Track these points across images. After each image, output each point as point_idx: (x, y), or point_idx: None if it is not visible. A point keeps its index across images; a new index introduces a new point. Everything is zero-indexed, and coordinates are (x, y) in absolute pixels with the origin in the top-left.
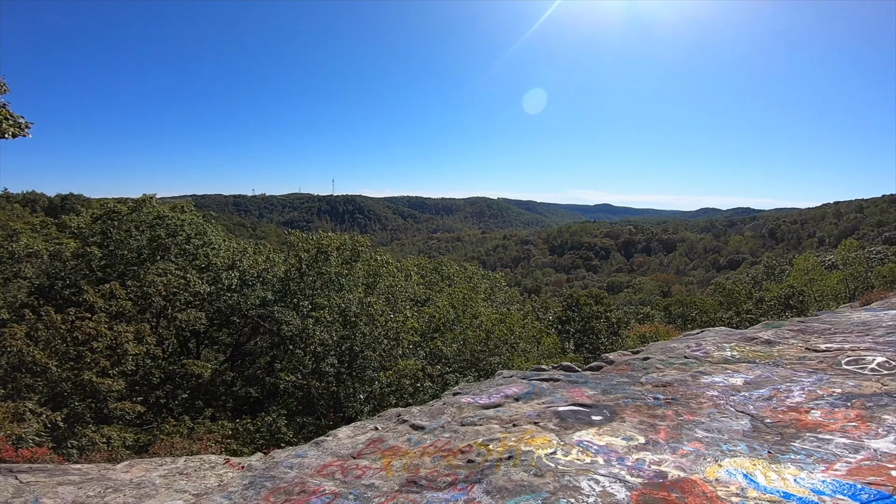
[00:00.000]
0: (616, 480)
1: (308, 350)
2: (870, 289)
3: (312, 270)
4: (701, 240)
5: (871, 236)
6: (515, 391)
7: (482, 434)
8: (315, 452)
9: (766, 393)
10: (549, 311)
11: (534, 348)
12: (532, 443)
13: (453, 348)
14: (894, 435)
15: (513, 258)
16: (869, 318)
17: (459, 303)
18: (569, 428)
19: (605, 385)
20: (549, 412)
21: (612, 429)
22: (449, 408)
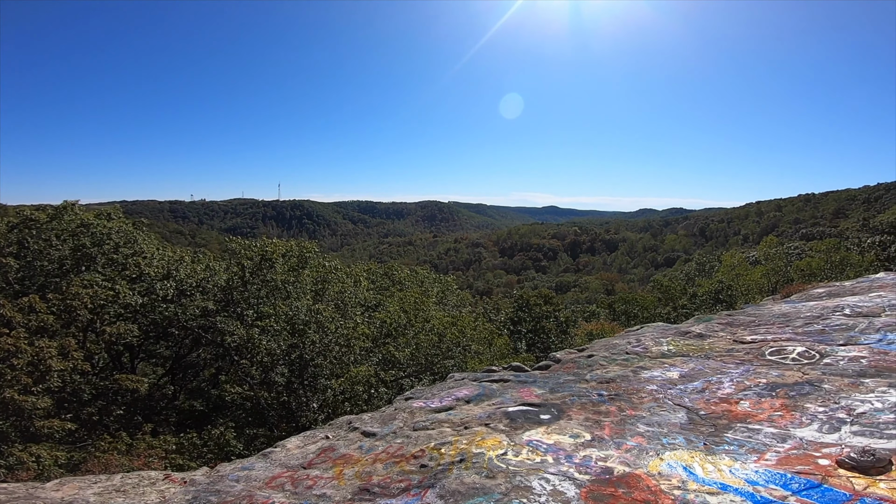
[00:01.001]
0: (565, 478)
1: (255, 360)
2: (789, 282)
3: (257, 278)
4: (640, 239)
5: (789, 233)
6: (466, 393)
7: (434, 438)
8: (263, 464)
9: (699, 385)
10: (500, 313)
11: (486, 350)
12: (483, 444)
13: (406, 353)
14: (817, 423)
15: (464, 261)
16: (789, 310)
17: (411, 307)
18: (519, 428)
19: (553, 384)
20: (500, 413)
21: (560, 427)
22: (401, 413)
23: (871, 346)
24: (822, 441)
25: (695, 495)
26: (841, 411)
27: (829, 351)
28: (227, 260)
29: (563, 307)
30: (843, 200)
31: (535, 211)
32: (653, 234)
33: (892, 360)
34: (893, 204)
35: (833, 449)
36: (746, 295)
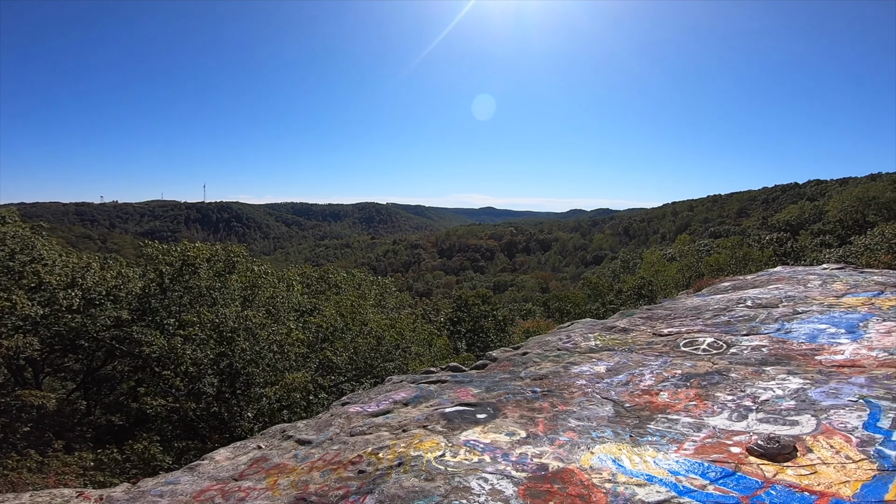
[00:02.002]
0: (503, 477)
1: (179, 371)
2: (700, 277)
3: (178, 285)
4: (571, 238)
5: (700, 231)
6: (404, 396)
7: (372, 443)
8: (189, 478)
9: (623, 378)
10: (440, 313)
11: (427, 351)
12: (421, 447)
13: (344, 357)
14: (727, 411)
15: (403, 262)
16: (699, 303)
17: (348, 311)
18: (456, 428)
19: (489, 383)
20: (437, 414)
21: (496, 425)
22: (337, 419)
23: (770, 336)
24: (733, 429)
25: (624, 487)
26: (747, 399)
27: (735, 341)
28: (143, 266)
29: (501, 306)
30: (745, 201)
31: (472, 212)
32: (582, 233)
33: (789, 348)
34: (788, 204)
35: (743, 437)
36: (665, 290)
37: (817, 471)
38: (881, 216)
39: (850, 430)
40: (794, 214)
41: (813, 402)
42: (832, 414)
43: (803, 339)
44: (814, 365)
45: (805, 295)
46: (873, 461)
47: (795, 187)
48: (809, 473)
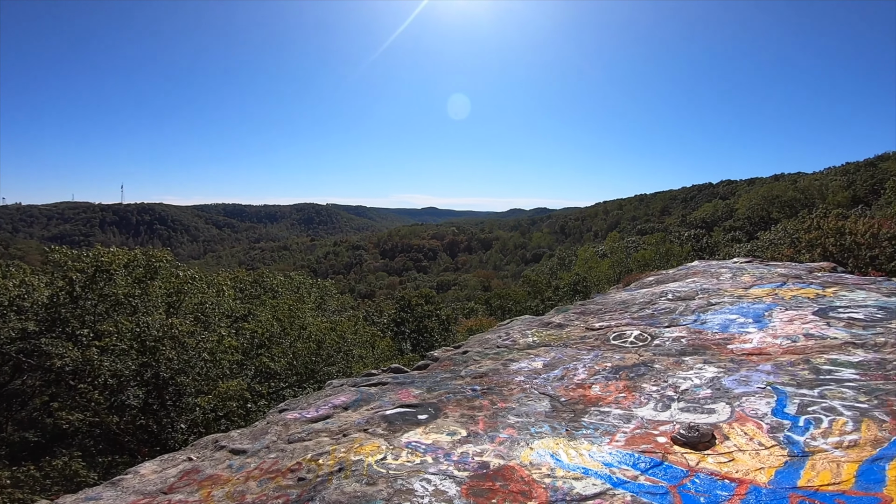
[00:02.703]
0: (446, 477)
1: (97, 384)
2: (629, 272)
3: (92, 293)
4: (511, 237)
5: (628, 229)
6: (344, 400)
7: (311, 449)
8: (113, 493)
9: (559, 373)
10: (383, 315)
11: (370, 353)
12: (361, 451)
13: (283, 363)
14: (653, 402)
15: (345, 264)
16: (627, 298)
17: (285, 315)
18: (397, 431)
19: (430, 383)
20: (378, 417)
21: (438, 425)
22: (274, 426)
23: (688, 327)
24: (658, 419)
25: (562, 482)
26: (669, 389)
27: (658, 333)
28: (51, 273)
29: (445, 306)
30: (667, 200)
31: (414, 212)
32: (522, 232)
33: (705, 339)
34: (704, 202)
35: (667, 426)
36: (598, 285)
37: (735, 458)
38: (783, 213)
39: (760, 417)
40: (708, 212)
41: (727, 390)
42: (744, 401)
43: (717, 330)
44: (726, 354)
45: (718, 287)
46: (784, 447)
47: (710, 187)
48: (728, 461)
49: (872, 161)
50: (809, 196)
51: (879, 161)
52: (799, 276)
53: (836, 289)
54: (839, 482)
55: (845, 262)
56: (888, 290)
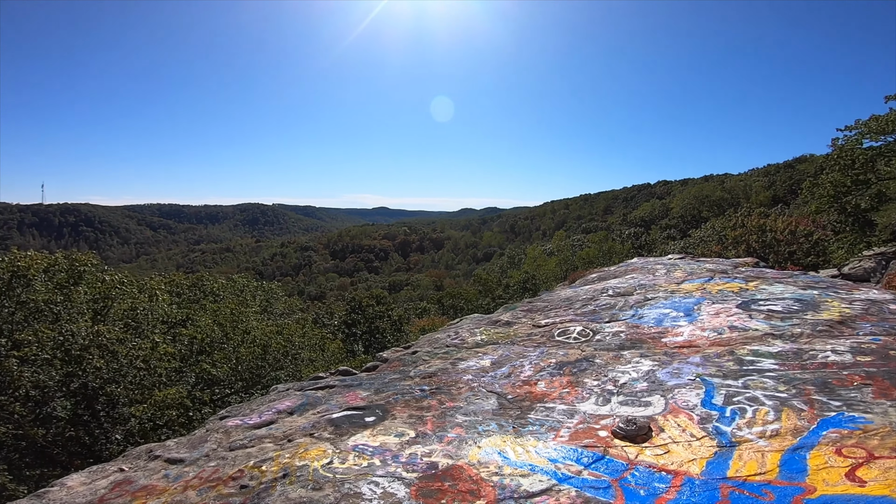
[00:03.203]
0: (395, 479)
1: (18, 395)
2: (575, 269)
3: (8, 300)
4: (462, 237)
5: (574, 228)
6: (289, 405)
7: (254, 456)
8: None
9: (506, 371)
10: (334, 317)
11: (319, 356)
12: (306, 456)
13: (225, 369)
14: (594, 396)
15: (293, 266)
16: (571, 294)
17: (227, 319)
18: (344, 434)
19: (379, 384)
20: (324, 421)
21: (385, 427)
22: (213, 434)
23: (627, 322)
24: (600, 413)
25: (510, 479)
26: (609, 383)
27: (599, 328)
28: None
29: (397, 306)
30: (610, 199)
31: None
32: (473, 231)
33: (642, 333)
34: (643, 202)
35: (608, 420)
36: (546, 283)
37: (670, 450)
38: (712, 212)
39: (691, 408)
40: (647, 211)
41: (661, 382)
42: (676, 393)
43: (652, 324)
44: (661, 347)
45: (653, 283)
46: (713, 438)
47: (648, 187)
48: (664, 453)
49: (791, 163)
50: (735, 196)
51: (797, 163)
52: (725, 271)
53: (757, 283)
54: (765, 472)
55: (767, 258)
56: (804, 284)
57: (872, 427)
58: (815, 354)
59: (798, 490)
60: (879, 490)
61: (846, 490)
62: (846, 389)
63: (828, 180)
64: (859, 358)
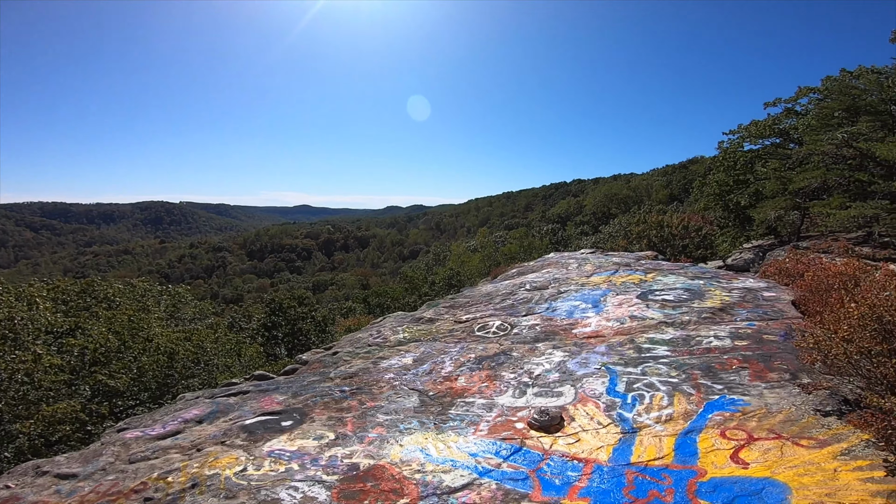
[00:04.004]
0: (314, 483)
1: None
2: (497, 265)
3: None
4: (388, 235)
5: (497, 224)
6: (197, 413)
7: (158, 467)
8: None
9: (427, 368)
10: (252, 320)
11: (236, 361)
12: (217, 464)
13: (125, 380)
14: (511, 389)
15: (205, 267)
16: (491, 290)
17: (124, 327)
18: (259, 440)
19: (297, 387)
20: (237, 428)
21: (303, 431)
22: (110, 447)
23: (542, 315)
24: (516, 405)
25: (432, 476)
26: (525, 375)
27: (517, 322)
28: None
29: (321, 306)
30: (530, 197)
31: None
32: (399, 229)
33: (555, 325)
34: (560, 200)
35: (524, 412)
36: (471, 279)
37: (580, 438)
38: (620, 209)
39: (598, 397)
40: (563, 209)
41: (571, 372)
42: (585, 382)
43: (564, 316)
44: (571, 338)
45: (566, 276)
46: (617, 424)
47: (564, 185)
48: (575, 442)
49: (685, 164)
50: (639, 194)
51: (690, 164)
52: (628, 264)
53: (654, 274)
54: (662, 456)
55: (665, 251)
56: (693, 274)
57: (750, 409)
58: (700, 340)
59: (691, 473)
60: (761, 472)
61: (732, 472)
62: (727, 373)
63: (714, 180)
64: (737, 342)
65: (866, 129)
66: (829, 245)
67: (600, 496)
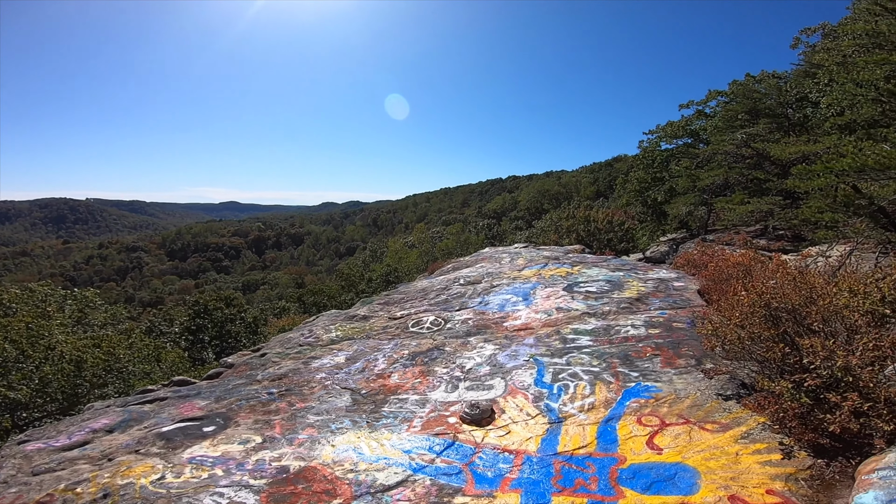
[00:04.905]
0: (241, 488)
1: None
2: (434, 261)
3: None
4: (324, 231)
5: (435, 220)
6: (107, 423)
7: (66, 479)
8: None
9: (360, 366)
10: (174, 323)
11: (155, 368)
12: (131, 473)
13: (25, 391)
14: (444, 384)
15: (118, 269)
16: (427, 285)
17: (22, 335)
18: (178, 447)
19: (220, 391)
20: (152, 436)
21: (227, 436)
22: (10, 460)
23: (474, 309)
24: (449, 400)
25: (365, 474)
26: (457, 370)
27: (450, 317)
28: None
29: (253, 307)
30: (467, 193)
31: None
32: (335, 226)
33: (487, 319)
34: (495, 196)
35: (456, 406)
36: (408, 275)
37: (511, 430)
38: (552, 204)
39: (526, 388)
40: (499, 204)
41: (501, 365)
42: (514, 374)
43: (496, 309)
44: (502, 331)
45: (499, 270)
46: (545, 415)
47: (500, 181)
48: (505, 434)
49: (610, 162)
50: (569, 190)
51: (615, 162)
52: (557, 257)
53: (580, 267)
54: (586, 445)
55: (591, 244)
56: (614, 266)
57: (662, 395)
58: (619, 330)
59: (613, 461)
60: (673, 457)
61: (648, 458)
62: (642, 360)
63: (634, 177)
64: (651, 331)
65: (763, 130)
66: (732, 238)
67: (530, 487)
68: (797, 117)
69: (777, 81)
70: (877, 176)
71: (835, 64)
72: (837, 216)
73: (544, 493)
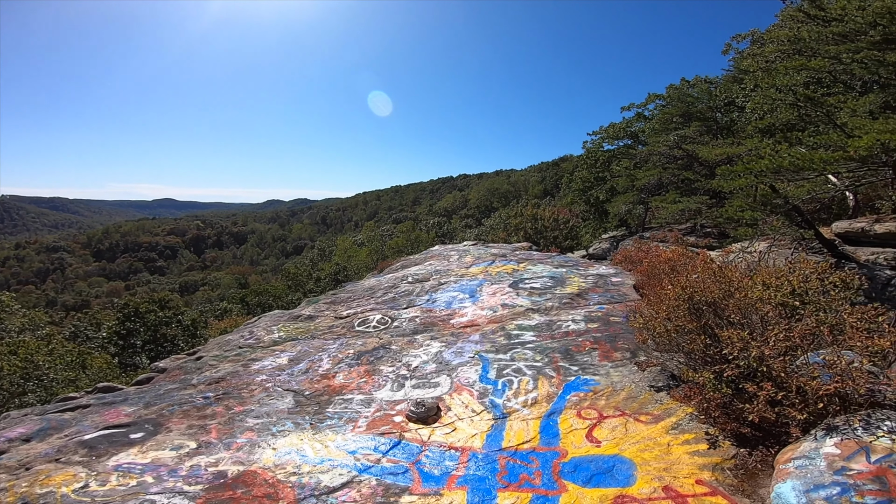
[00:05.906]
0: (175, 494)
1: None
2: (384, 259)
3: None
4: (269, 230)
5: (385, 218)
6: (23, 432)
7: None
8: None
9: (304, 366)
10: (102, 328)
11: (80, 375)
12: (50, 482)
13: None
14: (390, 383)
15: (37, 271)
16: (374, 283)
17: None
18: (102, 455)
19: (150, 397)
20: (74, 444)
21: (158, 442)
22: None
23: (422, 307)
24: (395, 399)
25: (309, 477)
26: (403, 368)
27: (398, 315)
28: None
29: (191, 308)
30: (418, 191)
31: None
32: (281, 224)
33: (434, 316)
34: (446, 194)
35: (402, 405)
36: (358, 273)
37: (457, 427)
38: (501, 203)
39: (471, 385)
40: (449, 202)
41: (447, 362)
42: (460, 371)
43: (443, 307)
44: (449, 328)
45: (447, 268)
46: (489, 411)
47: (451, 180)
48: (451, 431)
49: (557, 161)
50: (518, 189)
51: (561, 161)
52: (504, 254)
53: (525, 264)
54: (530, 439)
55: (538, 242)
56: (558, 263)
57: (600, 388)
58: (560, 325)
59: (555, 455)
60: (611, 449)
61: (588, 451)
62: (581, 354)
63: (578, 177)
64: (590, 325)
65: (694, 133)
66: (665, 235)
67: (477, 483)
68: (725, 121)
69: (708, 86)
70: (792, 177)
71: (759, 69)
72: (757, 214)
73: (490, 490)
